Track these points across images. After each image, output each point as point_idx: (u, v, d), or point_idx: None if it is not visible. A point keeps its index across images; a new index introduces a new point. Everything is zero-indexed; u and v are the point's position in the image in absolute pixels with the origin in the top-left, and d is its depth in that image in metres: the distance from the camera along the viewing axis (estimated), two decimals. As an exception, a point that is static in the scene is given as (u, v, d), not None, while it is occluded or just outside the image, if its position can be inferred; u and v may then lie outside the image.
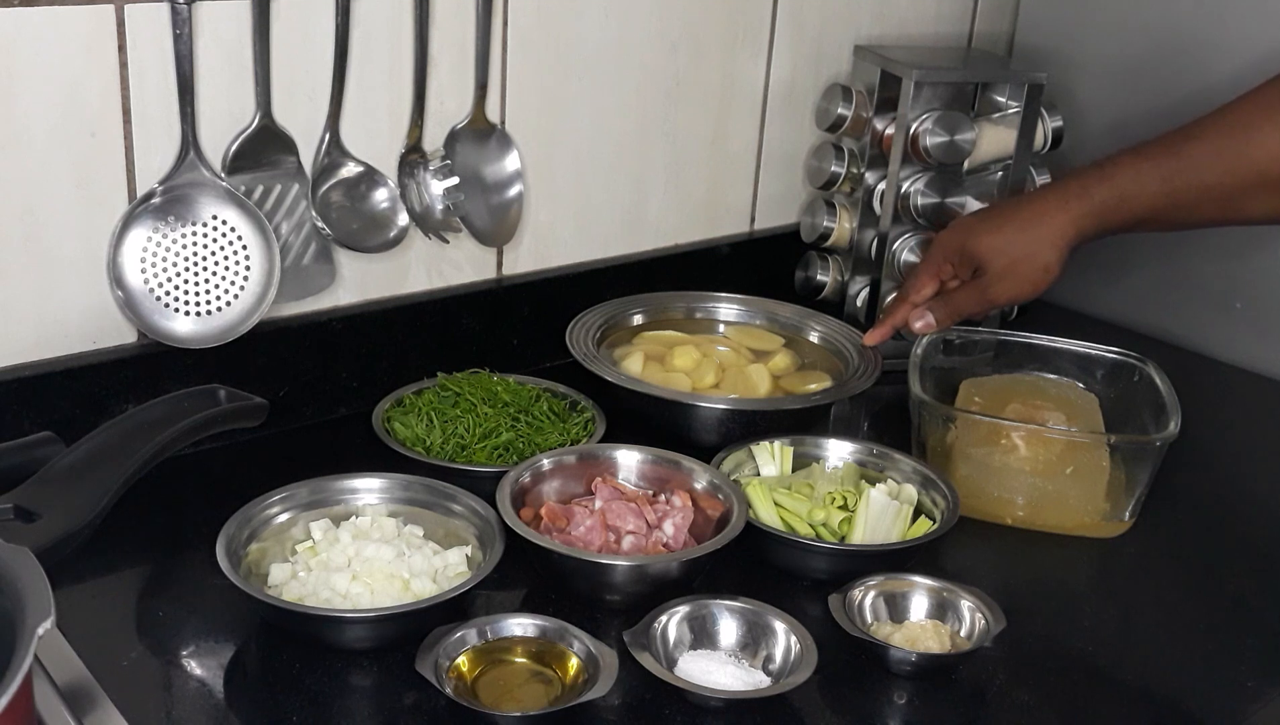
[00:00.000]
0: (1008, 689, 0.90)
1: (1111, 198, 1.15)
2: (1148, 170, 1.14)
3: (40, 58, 0.99)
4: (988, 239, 1.20)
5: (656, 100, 1.40)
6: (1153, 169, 1.13)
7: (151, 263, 1.06)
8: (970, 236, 1.22)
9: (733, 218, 1.53)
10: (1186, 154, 1.12)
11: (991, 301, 1.22)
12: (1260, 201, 1.11)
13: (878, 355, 1.26)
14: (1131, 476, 1.10)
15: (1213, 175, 1.11)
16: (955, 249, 1.23)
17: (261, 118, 1.10)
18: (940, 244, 1.26)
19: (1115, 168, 1.16)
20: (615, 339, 1.30)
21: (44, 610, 0.66)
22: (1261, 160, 1.09)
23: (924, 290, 1.26)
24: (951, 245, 1.24)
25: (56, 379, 1.05)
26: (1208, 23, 1.46)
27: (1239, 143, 1.10)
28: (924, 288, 1.26)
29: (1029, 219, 1.19)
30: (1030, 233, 1.18)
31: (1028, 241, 1.18)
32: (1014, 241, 1.19)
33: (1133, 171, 1.14)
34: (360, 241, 1.16)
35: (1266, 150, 1.09)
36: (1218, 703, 0.91)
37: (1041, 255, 1.18)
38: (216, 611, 0.92)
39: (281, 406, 1.16)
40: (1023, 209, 1.21)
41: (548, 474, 1.04)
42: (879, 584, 0.95)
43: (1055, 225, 1.17)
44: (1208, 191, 1.12)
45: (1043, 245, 1.17)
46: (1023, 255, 1.18)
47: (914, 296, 1.26)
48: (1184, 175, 1.12)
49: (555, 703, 0.82)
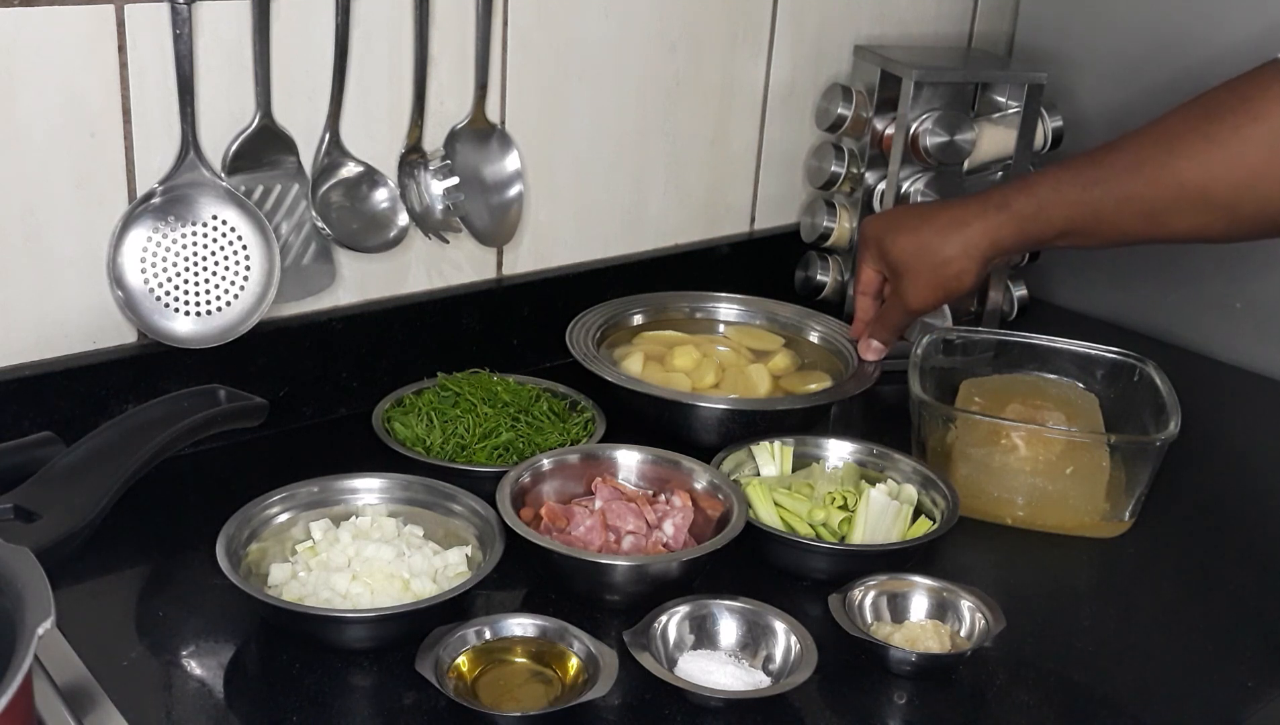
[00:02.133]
0: (1008, 689, 0.90)
1: (1030, 207, 1.14)
2: (1067, 180, 1.12)
3: (40, 58, 0.99)
4: (903, 239, 1.20)
5: (656, 100, 1.40)
6: (1072, 178, 1.12)
7: (151, 263, 1.06)
8: (887, 234, 1.21)
9: (733, 218, 1.53)
10: (1107, 164, 1.11)
11: (910, 308, 1.21)
12: (1183, 216, 1.08)
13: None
14: (1131, 476, 1.10)
15: (1133, 187, 1.09)
16: (875, 240, 1.23)
17: (261, 118, 1.10)
18: (864, 230, 1.26)
19: (1038, 177, 1.15)
20: (615, 339, 1.30)
21: (44, 610, 0.66)
22: (1183, 174, 1.07)
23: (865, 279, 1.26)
24: (872, 236, 1.23)
25: (56, 379, 1.05)
26: (1207, 23, 1.46)
27: (1161, 154, 1.08)
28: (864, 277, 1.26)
29: (947, 225, 1.18)
30: (946, 238, 1.17)
31: (942, 246, 1.17)
32: (928, 245, 1.18)
33: (1053, 181, 1.13)
34: (360, 241, 1.16)
35: (1188, 164, 1.06)
36: (1218, 703, 0.91)
37: (955, 262, 1.17)
38: (216, 611, 0.92)
39: (281, 406, 1.16)
40: (941, 215, 1.19)
41: (548, 474, 1.04)
42: (879, 584, 0.95)
43: (971, 233, 1.16)
44: (1128, 203, 1.10)
45: (957, 252, 1.16)
46: (937, 261, 1.17)
47: (859, 287, 1.27)
48: (1103, 185, 1.10)
49: (555, 703, 0.82)
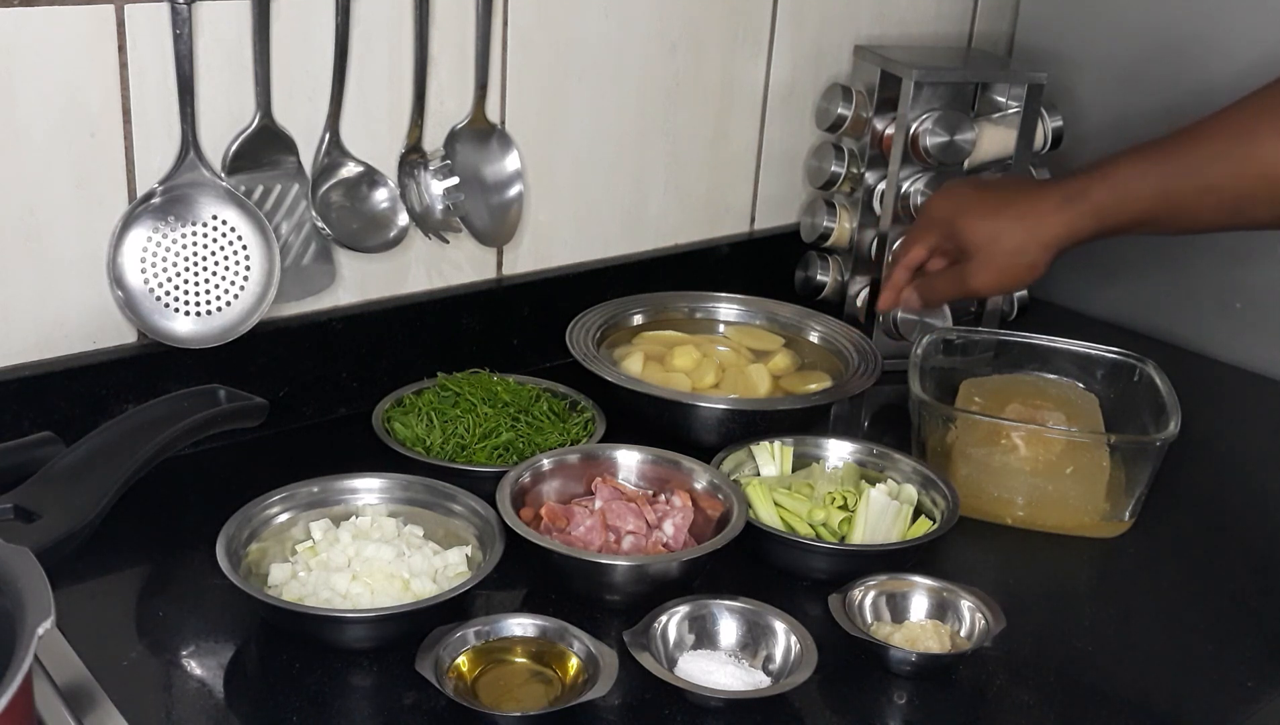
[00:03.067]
0: (1008, 689, 0.90)
1: (1110, 200, 1.12)
2: (1148, 172, 1.10)
3: (40, 58, 0.99)
4: (979, 223, 1.17)
5: (656, 100, 1.40)
6: (1153, 170, 1.10)
7: (151, 263, 1.06)
8: (961, 214, 1.19)
9: (733, 218, 1.53)
10: (1188, 156, 1.09)
11: (971, 291, 1.20)
12: (1265, 206, 1.07)
13: (878, 355, 1.26)
14: (1131, 476, 1.10)
15: (1215, 178, 1.07)
16: (946, 220, 1.20)
17: (261, 118, 1.10)
18: (931, 210, 1.23)
19: (1114, 169, 1.13)
20: (615, 339, 1.30)
21: (44, 610, 0.66)
22: (1266, 163, 1.05)
23: (915, 254, 1.24)
24: (941, 215, 1.21)
25: (56, 379, 1.05)
26: (1208, 23, 1.46)
27: (1244, 145, 1.06)
28: (915, 252, 1.24)
29: (1025, 213, 1.15)
30: (1023, 227, 1.15)
31: (1019, 236, 1.15)
32: (1005, 233, 1.16)
33: (1133, 173, 1.11)
34: (360, 241, 1.16)
35: (1271, 153, 1.05)
36: (1218, 703, 0.91)
37: (1030, 253, 1.15)
38: (216, 611, 0.92)
39: (281, 406, 1.16)
40: (1019, 201, 1.17)
41: (548, 474, 1.04)
42: (879, 584, 0.95)
43: (1050, 225, 1.14)
44: (1209, 194, 1.08)
45: (1033, 243, 1.14)
46: (1012, 249, 1.15)
47: (905, 260, 1.24)
48: (1185, 178, 1.09)
49: (555, 703, 0.82)
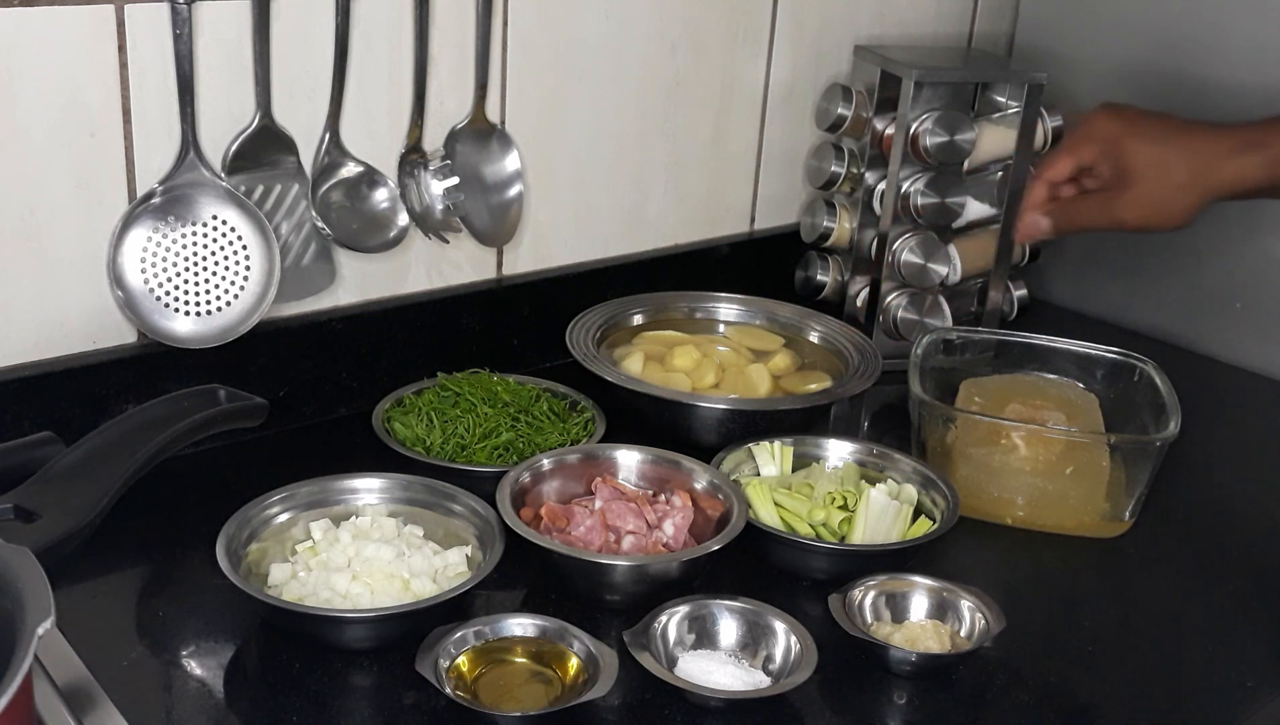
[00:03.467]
0: (1008, 689, 0.90)
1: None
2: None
3: (40, 58, 0.99)
4: (1148, 148, 1.08)
5: (656, 100, 1.40)
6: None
7: (151, 263, 1.06)
8: (1129, 134, 1.10)
9: (733, 218, 1.53)
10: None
11: (1119, 222, 1.11)
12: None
13: (878, 355, 1.26)
14: (1131, 476, 1.10)
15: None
16: (1109, 138, 1.11)
17: (261, 118, 1.10)
18: (1094, 123, 1.14)
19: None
20: (615, 339, 1.30)
21: (44, 610, 0.66)
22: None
23: (1060, 167, 1.15)
24: (1107, 132, 1.12)
25: (56, 379, 1.05)
26: (1207, 23, 1.46)
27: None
28: (1061, 165, 1.15)
29: (1200, 149, 1.06)
30: (1197, 162, 1.06)
31: (1188, 171, 1.06)
32: (1175, 164, 1.06)
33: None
34: (360, 241, 1.16)
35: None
36: (1218, 703, 0.91)
37: (1193, 192, 1.06)
38: (216, 611, 0.92)
39: (281, 406, 1.16)
40: (1194, 135, 1.07)
41: (548, 474, 1.04)
42: (879, 584, 0.95)
43: (1222, 168, 1.05)
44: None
45: (1200, 182, 1.06)
46: (1179, 182, 1.06)
47: (1049, 174, 1.16)
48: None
49: (555, 703, 0.82)
